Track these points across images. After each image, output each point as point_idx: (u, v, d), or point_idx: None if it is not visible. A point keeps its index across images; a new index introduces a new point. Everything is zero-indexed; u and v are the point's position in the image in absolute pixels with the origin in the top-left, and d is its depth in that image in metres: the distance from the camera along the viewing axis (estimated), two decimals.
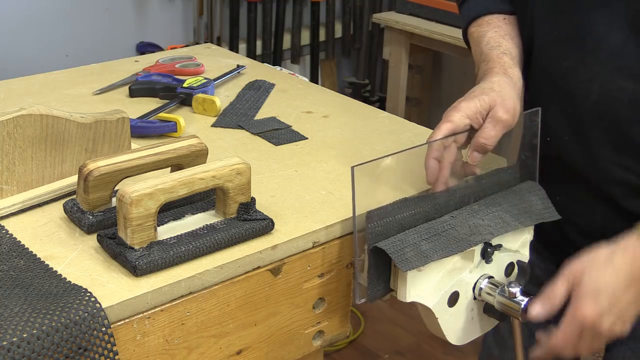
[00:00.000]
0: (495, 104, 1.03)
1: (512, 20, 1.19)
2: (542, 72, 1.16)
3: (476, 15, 1.21)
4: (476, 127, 1.03)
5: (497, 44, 1.14)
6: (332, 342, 1.06)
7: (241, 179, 0.95)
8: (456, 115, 1.02)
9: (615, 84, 1.05)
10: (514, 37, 1.16)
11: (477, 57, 1.17)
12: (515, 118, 1.04)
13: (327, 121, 1.31)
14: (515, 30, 1.18)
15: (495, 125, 1.02)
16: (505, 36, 1.15)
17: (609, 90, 1.05)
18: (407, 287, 0.97)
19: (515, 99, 1.05)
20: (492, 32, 1.16)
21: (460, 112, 1.02)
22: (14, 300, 0.79)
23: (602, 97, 0.98)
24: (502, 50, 1.13)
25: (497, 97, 1.03)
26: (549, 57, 1.14)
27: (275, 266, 0.94)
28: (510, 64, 1.11)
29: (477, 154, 1.03)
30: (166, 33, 2.73)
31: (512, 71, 1.10)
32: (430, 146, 1.01)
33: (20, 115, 0.97)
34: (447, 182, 1.04)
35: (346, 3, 3.13)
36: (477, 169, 1.06)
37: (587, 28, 1.06)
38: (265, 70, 1.55)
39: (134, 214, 0.86)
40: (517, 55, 1.14)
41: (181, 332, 0.88)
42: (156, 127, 1.22)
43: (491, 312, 1.05)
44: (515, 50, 1.15)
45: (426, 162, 1.03)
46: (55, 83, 1.42)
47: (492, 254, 1.05)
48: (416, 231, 0.98)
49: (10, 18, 2.35)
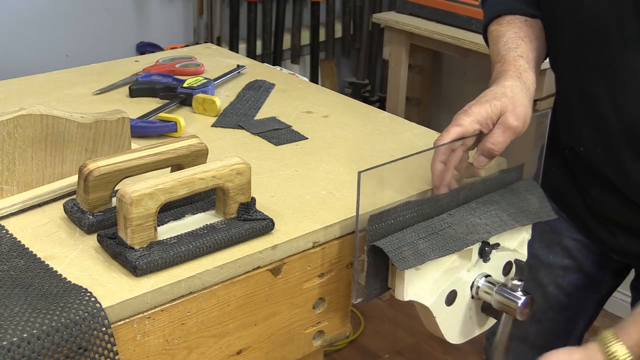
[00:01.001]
0: (507, 110, 1.02)
1: (534, 23, 1.18)
2: (573, 91, 1.16)
3: (498, 13, 1.20)
4: (485, 132, 1.03)
5: (515, 45, 1.13)
6: (332, 342, 1.06)
7: (241, 179, 0.95)
8: (467, 119, 1.01)
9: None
10: (534, 40, 1.15)
11: (494, 57, 1.16)
12: (525, 125, 1.04)
13: (327, 121, 1.31)
14: (536, 34, 1.16)
15: (504, 131, 1.02)
16: (524, 38, 1.14)
17: (637, 123, 1.06)
18: (405, 285, 0.97)
19: (527, 105, 1.05)
20: (511, 33, 1.15)
21: (471, 117, 1.01)
22: (14, 300, 0.79)
23: (633, 121, 0.98)
24: (519, 52, 1.12)
25: (509, 103, 1.03)
26: (578, 81, 1.14)
27: (275, 266, 0.94)
28: (525, 68, 1.10)
29: (483, 158, 1.03)
30: (166, 33, 2.73)
31: (526, 75, 1.09)
32: (437, 149, 1.01)
33: (21, 115, 0.97)
34: (450, 185, 1.04)
35: (346, 3, 3.12)
36: (482, 171, 1.06)
37: (618, 60, 1.06)
38: (265, 70, 1.55)
39: (134, 213, 0.86)
40: (534, 58, 1.13)
41: (181, 332, 0.88)
42: (156, 127, 1.22)
43: (489, 311, 1.05)
44: (533, 53, 1.13)
45: (432, 165, 1.03)
46: (55, 83, 1.42)
47: (489, 253, 1.05)
48: (414, 229, 0.98)
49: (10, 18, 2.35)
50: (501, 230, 1.05)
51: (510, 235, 1.08)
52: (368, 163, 0.96)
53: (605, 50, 1.07)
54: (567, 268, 1.36)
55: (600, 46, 1.08)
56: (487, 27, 1.21)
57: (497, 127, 1.02)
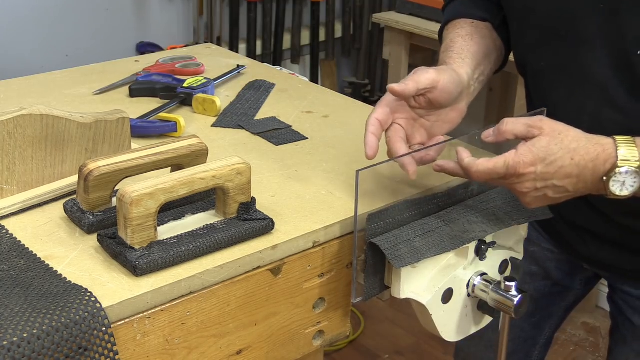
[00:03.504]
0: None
1: (482, 25, 1.19)
2: (537, 97, 1.17)
3: (448, 19, 1.22)
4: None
5: (452, 44, 1.14)
6: (332, 342, 1.06)
7: (241, 179, 0.95)
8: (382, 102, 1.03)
9: (603, 116, 1.05)
10: (476, 38, 1.15)
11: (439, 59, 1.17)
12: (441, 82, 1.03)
13: (327, 121, 1.31)
14: (480, 33, 1.17)
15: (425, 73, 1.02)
16: (465, 36, 1.15)
17: (599, 121, 1.05)
18: (401, 283, 0.97)
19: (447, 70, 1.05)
20: (453, 35, 1.16)
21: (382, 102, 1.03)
22: (14, 300, 0.79)
23: (593, 127, 0.97)
24: (453, 50, 1.12)
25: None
26: (539, 86, 1.15)
27: (275, 266, 0.94)
28: (454, 59, 1.10)
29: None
30: (166, 33, 2.73)
31: (450, 61, 1.09)
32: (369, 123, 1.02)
33: (21, 115, 0.97)
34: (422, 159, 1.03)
35: (346, 3, 3.13)
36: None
37: (573, 62, 1.06)
38: (265, 70, 1.55)
39: (134, 213, 0.86)
40: (474, 52, 1.13)
41: (181, 332, 0.88)
42: (156, 127, 1.22)
43: (485, 309, 1.06)
44: (473, 48, 1.13)
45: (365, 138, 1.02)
46: (55, 83, 1.42)
47: (486, 252, 1.05)
48: (410, 227, 0.99)
49: (10, 18, 2.35)
50: (497, 228, 1.05)
51: (507, 233, 1.09)
52: (368, 163, 0.96)
53: (561, 53, 1.07)
54: (534, 275, 1.36)
55: (555, 48, 1.08)
56: (441, 35, 1.23)
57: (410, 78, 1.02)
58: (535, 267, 1.35)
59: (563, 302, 1.40)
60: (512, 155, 0.93)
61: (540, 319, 1.40)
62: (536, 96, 1.18)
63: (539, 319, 1.40)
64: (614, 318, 1.30)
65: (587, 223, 1.19)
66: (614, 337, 1.31)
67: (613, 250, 1.18)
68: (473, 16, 1.19)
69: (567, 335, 2.51)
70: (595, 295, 2.57)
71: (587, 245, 1.21)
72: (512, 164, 0.93)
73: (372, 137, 1.00)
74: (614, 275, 1.26)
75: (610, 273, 1.26)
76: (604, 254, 1.20)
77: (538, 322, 1.40)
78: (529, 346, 1.43)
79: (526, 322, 1.39)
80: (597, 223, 1.17)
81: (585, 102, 1.06)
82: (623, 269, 1.21)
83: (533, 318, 1.39)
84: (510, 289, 1.01)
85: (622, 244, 1.17)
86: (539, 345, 1.43)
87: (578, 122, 0.96)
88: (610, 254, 1.19)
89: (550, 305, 1.39)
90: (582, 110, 1.07)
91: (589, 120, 1.04)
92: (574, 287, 1.38)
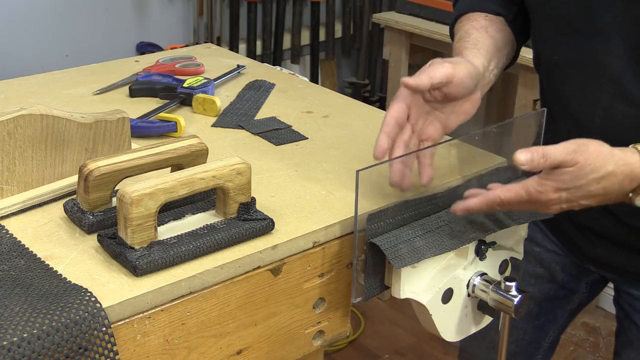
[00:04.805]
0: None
1: (496, 19, 1.18)
2: (550, 91, 1.16)
3: (460, 12, 1.21)
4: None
5: (466, 35, 1.13)
6: (332, 342, 1.06)
7: (241, 179, 0.95)
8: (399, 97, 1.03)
9: (617, 109, 1.05)
10: (491, 31, 1.15)
11: (453, 53, 1.16)
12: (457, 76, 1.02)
13: (327, 121, 1.31)
14: (495, 27, 1.17)
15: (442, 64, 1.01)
16: (479, 29, 1.15)
17: (612, 114, 1.05)
18: (401, 283, 0.97)
19: (463, 63, 1.04)
20: (468, 27, 1.16)
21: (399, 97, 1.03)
22: (14, 300, 0.79)
23: (606, 120, 0.97)
24: (470, 41, 1.12)
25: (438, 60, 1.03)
26: (553, 79, 1.14)
27: (275, 266, 0.94)
28: (470, 49, 1.10)
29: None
30: (166, 33, 2.73)
31: (466, 52, 1.09)
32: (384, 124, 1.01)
33: (21, 115, 0.97)
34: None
35: (346, 3, 3.13)
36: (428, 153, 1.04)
37: (587, 54, 1.06)
38: (265, 70, 1.55)
39: (134, 213, 0.86)
40: (489, 45, 1.13)
41: (181, 332, 0.88)
42: (156, 127, 1.22)
43: (485, 309, 1.05)
44: (488, 40, 1.13)
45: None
46: (55, 83, 1.42)
47: (486, 252, 1.05)
48: (410, 227, 0.99)
49: (10, 18, 2.35)
50: (497, 228, 1.05)
51: (507, 233, 1.08)
52: (368, 163, 0.96)
53: (576, 45, 1.07)
54: (539, 277, 1.35)
55: (570, 41, 1.08)
56: (453, 28, 1.22)
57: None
58: (541, 269, 1.35)
59: (568, 305, 1.39)
60: (534, 185, 0.92)
61: (545, 322, 1.40)
62: (549, 90, 1.17)
63: (543, 322, 1.39)
64: (620, 321, 1.29)
65: (596, 224, 1.18)
66: (620, 340, 1.30)
67: (620, 251, 1.18)
68: (487, 10, 1.19)
69: (567, 335, 2.51)
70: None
71: (594, 246, 1.21)
72: (535, 194, 0.92)
73: (385, 138, 0.99)
74: (620, 277, 1.26)
75: (616, 275, 1.26)
76: (611, 255, 1.20)
77: (542, 325, 1.40)
78: (532, 349, 1.42)
79: (530, 325, 1.39)
80: (607, 224, 1.16)
81: (599, 95, 1.06)
82: (630, 271, 1.20)
83: (537, 320, 1.39)
84: (510, 289, 1.01)
85: (630, 245, 1.16)
86: (543, 349, 1.42)
87: (591, 116, 0.96)
88: (617, 255, 1.19)
89: (555, 308, 1.39)
90: (596, 103, 1.06)
91: (603, 114, 1.04)
92: (579, 290, 1.37)
